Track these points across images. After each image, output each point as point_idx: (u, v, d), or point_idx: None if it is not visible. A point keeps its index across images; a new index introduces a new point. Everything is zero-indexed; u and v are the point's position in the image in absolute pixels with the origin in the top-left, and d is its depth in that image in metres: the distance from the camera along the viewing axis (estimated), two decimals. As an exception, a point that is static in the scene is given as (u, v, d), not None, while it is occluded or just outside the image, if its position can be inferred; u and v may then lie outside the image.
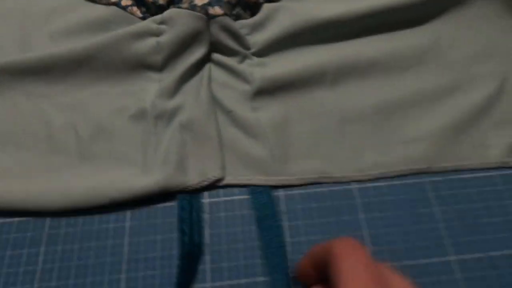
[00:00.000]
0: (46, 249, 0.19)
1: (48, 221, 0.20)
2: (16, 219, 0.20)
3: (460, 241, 0.19)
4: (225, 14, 0.24)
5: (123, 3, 0.26)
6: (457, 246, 0.19)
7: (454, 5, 0.26)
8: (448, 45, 0.26)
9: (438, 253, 0.19)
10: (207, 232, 0.19)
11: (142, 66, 0.24)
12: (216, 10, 0.24)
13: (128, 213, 0.20)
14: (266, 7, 0.26)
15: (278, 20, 0.25)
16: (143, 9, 0.26)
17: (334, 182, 0.21)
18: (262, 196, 0.20)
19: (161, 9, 0.25)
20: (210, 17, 0.23)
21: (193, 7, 0.24)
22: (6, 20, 0.26)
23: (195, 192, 0.20)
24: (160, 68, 0.24)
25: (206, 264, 0.19)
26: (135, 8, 0.26)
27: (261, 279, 0.18)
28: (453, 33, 0.26)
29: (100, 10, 0.26)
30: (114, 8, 0.26)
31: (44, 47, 0.25)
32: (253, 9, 0.26)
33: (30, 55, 0.23)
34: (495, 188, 0.21)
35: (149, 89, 0.23)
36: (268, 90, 0.23)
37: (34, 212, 0.19)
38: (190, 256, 0.18)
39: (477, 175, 0.21)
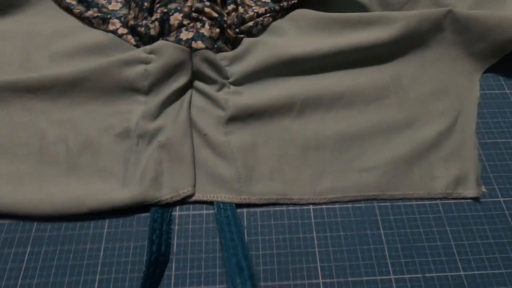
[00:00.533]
0: (31, 249, 0.21)
1: (35, 224, 0.22)
2: (7, 221, 0.22)
3: (401, 261, 0.22)
4: (206, 48, 0.27)
5: (120, 31, 0.29)
6: (398, 267, 0.21)
7: (414, 47, 0.29)
8: (408, 83, 0.28)
9: (381, 271, 0.21)
10: (174, 242, 0.22)
11: (130, 89, 0.26)
12: (198, 44, 0.27)
13: (107, 221, 0.22)
14: (246, 41, 0.29)
15: (255, 54, 0.28)
16: (137, 38, 0.29)
17: (292, 204, 0.23)
18: (226, 212, 0.22)
19: (152, 38, 0.28)
20: (193, 50, 0.27)
21: (178, 41, 0.27)
22: (11, 41, 0.29)
23: (167, 205, 0.23)
24: (147, 92, 0.26)
25: (172, 270, 0.21)
26: (129, 37, 0.29)
27: (220, 286, 0.20)
28: (412, 72, 0.29)
29: (98, 36, 0.29)
30: (111, 35, 0.29)
31: (44, 67, 0.28)
32: (234, 43, 0.29)
33: (30, 75, 0.26)
34: (437, 215, 0.23)
35: (135, 110, 0.26)
36: (240, 117, 0.26)
37: (23, 216, 0.22)
38: (156, 263, 0.20)
39: (422, 203, 0.24)
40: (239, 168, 0.24)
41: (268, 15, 0.30)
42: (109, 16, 0.30)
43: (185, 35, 0.27)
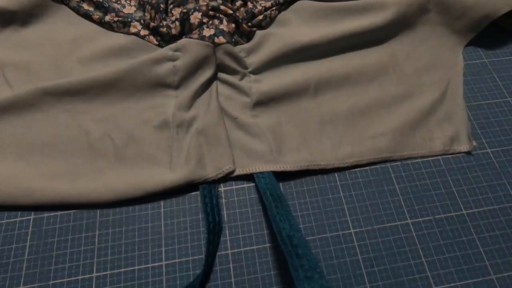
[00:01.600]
0: (100, 232, 0.24)
1: (98, 211, 0.25)
2: (72, 211, 0.25)
3: (415, 208, 0.26)
4: (227, 42, 0.30)
5: (142, 33, 0.32)
6: (413, 213, 0.26)
7: (405, 28, 0.33)
8: (403, 60, 0.33)
9: (399, 218, 0.25)
10: (224, 213, 0.25)
11: (161, 85, 0.29)
12: (221, 39, 0.30)
13: (161, 202, 0.25)
14: (259, 33, 0.32)
15: (267, 45, 0.31)
16: (158, 38, 0.31)
17: (319, 169, 0.27)
18: (266, 180, 0.26)
19: (174, 37, 0.31)
20: (216, 45, 0.29)
21: (202, 38, 0.29)
22: (38, 49, 0.31)
23: (213, 182, 0.26)
24: (176, 86, 0.29)
25: (226, 236, 0.24)
26: (151, 37, 0.32)
27: (270, 245, 0.24)
28: (406, 50, 0.33)
29: (121, 39, 0.32)
30: (133, 37, 0.32)
31: (75, 71, 0.30)
32: (248, 36, 0.32)
33: (68, 79, 0.28)
34: (439, 168, 0.28)
35: (168, 103, 0.29)
36: (264, 102, 0.29)
37: (86, 204, 0.24)
38: (214, 231, 0.24)
39: (426, 160, 0.28)
40: (270, 143, 0.27)
41: (274, 8, 0.33)
42: (129, 19, 0.32)
43: (207, 31, 0.30)
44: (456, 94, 0.31)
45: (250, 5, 0.33)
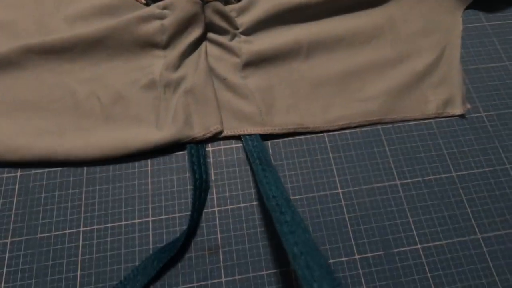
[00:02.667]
0: (86, 189, 0.24)
1: (85, 169, 0.25)
2: (59, 168, 0.25)
3: (404, 170, 0.26)
4: (216, 0, 0.29)
5: (129, -9, 0.30)
6: (402, 174, 0.26)
7: (404, -10, 0.32)
8: (399, 23, 0.31)
9: (388, 179, 0.25)
10: (212, 172, 0.25)
11: (149, 44, 0.28)
12: (210, -4, 0.29)
13: (149, 161, 0.25)
14: (250, -7, 0.31)
15: (259, 4, 0.30)
16: (146, -3, 0.30)
17: (309, 132, 0.27)
18: (253, 142, 0.25)
19: (162, -4, 0.30)
20: (205, 2, 0.28)
21: (190, -6, 0.28)
22: (21, 8, 0.30)
23: (200, 142, 0.26)
24: (164, 46, 0.28)
25: (213, 195, 0.24)
26: (139, -4, 0.30)
27: (255, 203, 0.24)
28: (404, 13, 0.32)
29: (108, -2, 0.31)
30: (121, -4, 0.31)
31: (60, 30, 0.29)
32: (239, -5, 0.31)
33: (53, 37, 0.28)
34: (431, 131, 0.27)
35: (156, 64, 0.28)
36: (254, 62, 0.28)
37: (73, 161, 0.24)
38: (201, 188, 0.24)
39: (418, 123, 0.28)
40: (259, 105, 0.27)
41: (267, -34, 0.32)
42: (116, -23, 0.31)
43: (196, -12, 0.29)
44: (453, 58, 0.30)
45: (241, -38, 0.32)
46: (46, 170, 0.25)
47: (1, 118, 0.25)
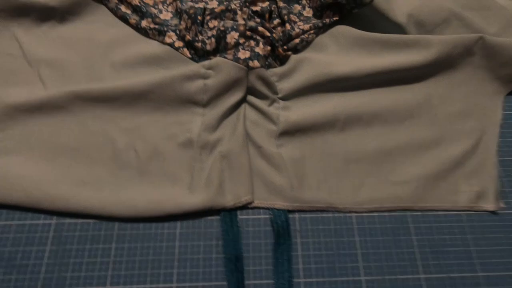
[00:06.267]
0: (116, 245, 0.25)
1: (116, 224, 0.25)
2: (92, 220, 0.25)
3: (429, 263, 0.25)
4: (261, 66, 0.29)
5: (176, 44, 0.31)
6: (427, 267, 0.25)
7: (445, 69, 0.32)
8: (438, 103, 0.31)
9: (413, 271, 0.25)
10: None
11: (190, 102, 0.29)
12: (255, 63, 0.29)
13: (178, 223, 0.26)
14: (293, 58, 0.31)
15: (301, 72, 0.31)
16: (192, 52, 0.31)
17: (337, 211, 0.27)
18: (281, 217, 0.26)
19: (207, 53, 0.31)
20: (250, 69, 0.29)
21: (236, 59, 0.29)
22: (74, 48, 0.31)
23: (232, 210, 0.26)
24: (205, 104, 0.29)
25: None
26: (185, 50, 0.31)
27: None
28: (443, 92, 0.32)
29: (155, 47, 0.32)
30: (167, 47, 0.31)
31: (107, 75, 0.30)
32: (282, 60, 0.31)
33: (100, 86, 0.29)
34: (461, 224, 0.27)
35: (195, 121, 0.29)
36: (290, 131, 0.29)
37: (106, 217, 0.25)
38: (237, 258, 0.24)
39: (448, 213, 0.27)
40: (291, 178, 0.27)
41: (312, 31, 0.32)
42: (165, 28, 0.32)
43: (242, 54, 0.29)
44: (490, 147, 0.30)
45: (288, 26, 0.32)
46: (80, 221, 0.25)
47: (45, 164, 0.26)
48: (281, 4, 0.33)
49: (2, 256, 0.24)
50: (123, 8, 0.33)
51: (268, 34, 0.30)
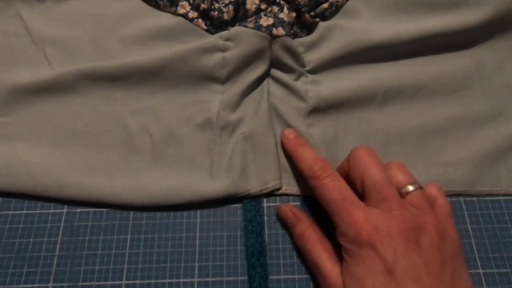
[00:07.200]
0: (132, 236, 0.22)
1: (131, 214, 0.23)
2: (105, 209, 0.23)
3: (489, 256, 0.22)
4: (286, 34, 0.26)
5: (190, 15, 0.28)
6: (486, 262, 0.22)
7: (500, 32, 0.27)
8: (492, 71, 0.27)
9: (469, 265, 0.22)
10: (266, 233, 0.23)
11: (207, 78, 0.26)
12: (280, 31, 0.26)
13: (198, 212, 0.23)
14: (322, 25, 0.27)
15: (331, 40, 0.27)
16: (208, 22, 0.28)
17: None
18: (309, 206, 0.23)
19: (225, 23, 0.27)
20: (273, 37, 0.26)
21: (258, 27, 0.26)
22: (80, 25, 0.29)
23: (257, 197, 0.23)
24: (224, 81, 0.26)
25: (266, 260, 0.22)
26: (200, 21, 0.28)
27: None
28: (497, 59, 0.27)
29: (167, 19, 0.28)
30: (180, 18, 0.28)
31: (116, 52, 0.28)
32: (309, 28, 0.28)
33: (109, 63, 0.26)
34: (525, 211, 0.23)
35: (213, 99, 0.26)
36: (322, 109, 0.25)
37: (120, 205, 0.23)
38: (259, 252, 0.21)
39: (509, 198, 0.23)
40: (324, 160, 0.24)
41: (342, -5, 0.29)
42: (177, -3, 0.29)
43: (265, 21, 0.26)
44: (557, 121, 0.25)
45: (315, -11, 0.28)
46: (92, 210, 0.23)
47: (53, 149, 0.24)
48: (306, -35, 0.29)
49: (11, 248, 0.22)
50: (131, -21, 0.30)
51: (293, -2, 0.27)
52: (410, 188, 0.20)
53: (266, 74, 0.26)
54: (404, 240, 0.17)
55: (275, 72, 0.27)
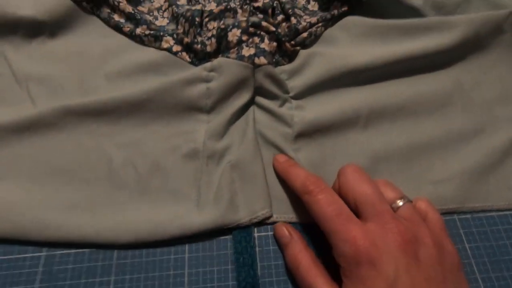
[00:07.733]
0: (116, 278, 0.21)
1: (115, 252, 0.22)
2: (87, 250, 0.22)
3: (491, 276, 0.21)
4: (268, 63, 0.26)
5: (174, 49, 0.29)
6: (489, 282, 0.21)
7: (473, 51, 0.28)
8: (470, 89, 0.28)
9: (472, 287, 0.21)
10: (258, 264, 0.21)
11: (192, 108, 0.26)
12: (262, 60, 0.26)
13: (186, 246, 0.22)
14: (303, 53, 0.28)
15: (313, 67, 0.27)
16: (192, 55, 0.29)
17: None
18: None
19: (208, 55, 0.28)
20: (256, 66, 0.26)
21: (241, 58, 0.26)
22: (65, 62, 0.29)
23: (247, 227, 0.22)
24: (209, 110, 0.26)
25: (259, 294, 0.21)
26: (184, 54, 0.29)
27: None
28: (474, 77, 0.28)
29: (151, 54, 0.29)
30: (165, 53, 0.29)
31: (101, 88, 0.28)
32: (291, 56, 0.28)
33: (94, 98, 0.26)
34: (521, 226, 0.23)
35: (199, 129, 0.26)
36: (307, 133, 0.25)
37: (103, 244, 0.22)
38: (252, 286, 0.20)
39: (503, 214, 0.23)
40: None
41: (320, 24, 0.30)
42: (161, 33, 0.29)
43: (247, 51, 0.26)
44: (540, 133, 0.26)
45: (293, 20, 0.29)
46: (73, 251, 0.22)
47: (31, 186, 0.23)
48: (283, -2, 0.30)
49: (-16, 299, 0.20)
50: (116, 17, 0.31)
51: (272, 29, 0.28)
52: (400, 202, 0.20)
53: (250, 102, 0.26)
54: (403, 254, 0.17)
55: (259, 99, 0.27)
